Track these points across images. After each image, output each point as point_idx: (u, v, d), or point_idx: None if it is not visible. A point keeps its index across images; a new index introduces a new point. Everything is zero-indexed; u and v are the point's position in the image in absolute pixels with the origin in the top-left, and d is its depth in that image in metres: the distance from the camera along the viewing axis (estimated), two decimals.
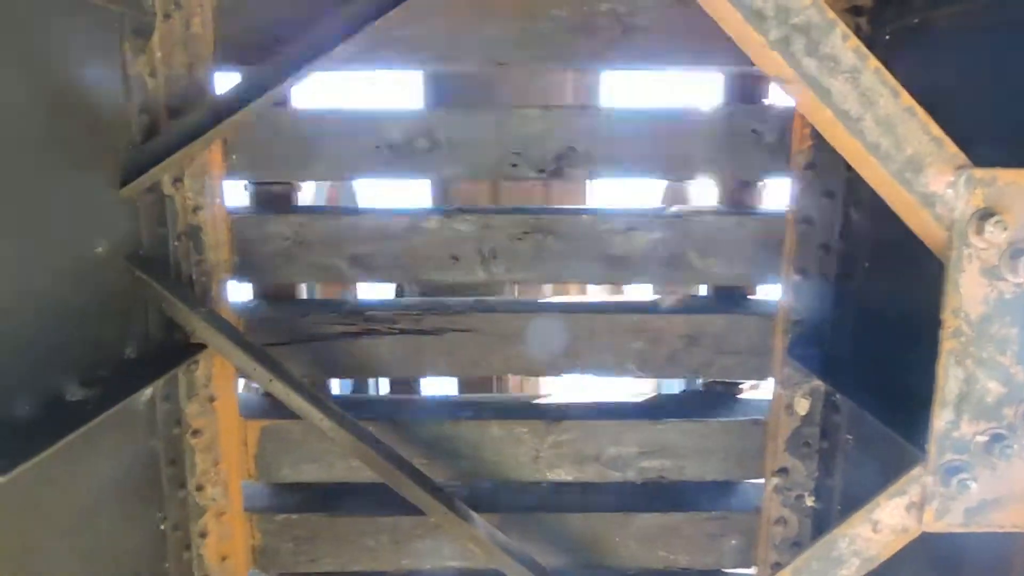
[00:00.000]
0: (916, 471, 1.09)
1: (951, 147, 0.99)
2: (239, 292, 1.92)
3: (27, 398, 1.29)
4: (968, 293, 1.02)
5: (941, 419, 1.06)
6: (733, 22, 0.98)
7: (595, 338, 1.92)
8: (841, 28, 0.95)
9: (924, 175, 0.99)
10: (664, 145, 1.82)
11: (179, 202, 1.75)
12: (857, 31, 1.69)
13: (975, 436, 1.08)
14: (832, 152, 1.74)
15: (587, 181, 1.85)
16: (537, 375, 1.96)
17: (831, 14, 0.95)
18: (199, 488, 1.92)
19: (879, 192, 1.05)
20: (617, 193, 2.54)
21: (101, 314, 1.54)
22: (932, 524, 1.11)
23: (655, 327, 1.92)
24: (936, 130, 0.98)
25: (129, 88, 1.61)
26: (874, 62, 0.97)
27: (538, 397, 2.25)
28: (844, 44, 0.96)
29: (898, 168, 0.99)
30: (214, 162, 1.75)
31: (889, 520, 1.12)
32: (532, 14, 1.74)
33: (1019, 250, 1.00)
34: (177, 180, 1.74)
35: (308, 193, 2.46)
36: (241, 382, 2.01)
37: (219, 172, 1.76)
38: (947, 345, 1.04)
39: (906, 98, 0.98)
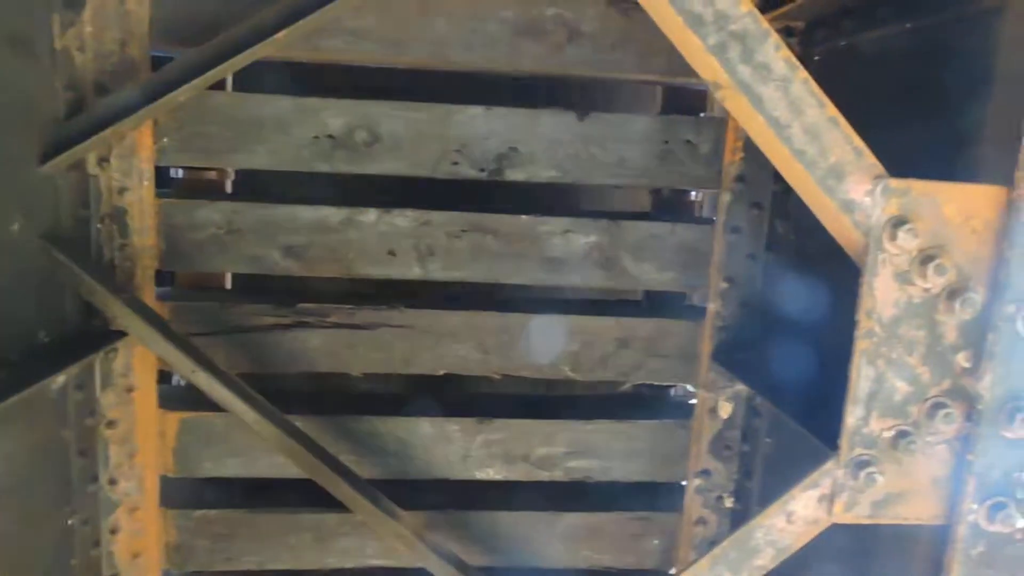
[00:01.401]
0: (828, 465, 1.15)
1: (870, 157, 1.05)
2: (164, 279, 1.86)
3: None
4: (881, 296, 1.09)
5: (852, 415, 1.12)
6: (673, 26, 1.02)
7: (530, 338, 1.94)
8: (774, 38, 1.00)
9: (845, 183, 1.05)
10: (603, 150, 1.85)
11: (104, 183, 1.68)
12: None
13: (883, 432, 1.14)
14: (761, 165, 1.84)
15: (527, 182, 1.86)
16: (470, 373, 1.95)
17: (765, 24, 1.00)
18: (112, 482, 1.83)
19: (804, 198, 1.11)
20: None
21: (13, 295, 1.47)
22: (841, 516, 1.16)
23: (590, 328, 1.95)
24: (857, 140, 1.04)
25: (56, 62, 1.54)
26: (803, 73, 1.02)
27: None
28: (776, 53, 1.01)
29: (822, 175, 1.04)
30: (144, 144, 1.69)
31: (802, 511, 1.17)
32: (481, 14, 1.76)
33: (928, 257, 1.07)
34: (103, 160, 1.67)
35: None
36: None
37: (149, 154, 1.70)
38: (861, 345, 1.10)
39: (831, 109, 1.03)
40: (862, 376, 1.10)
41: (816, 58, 1.75)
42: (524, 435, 1.98)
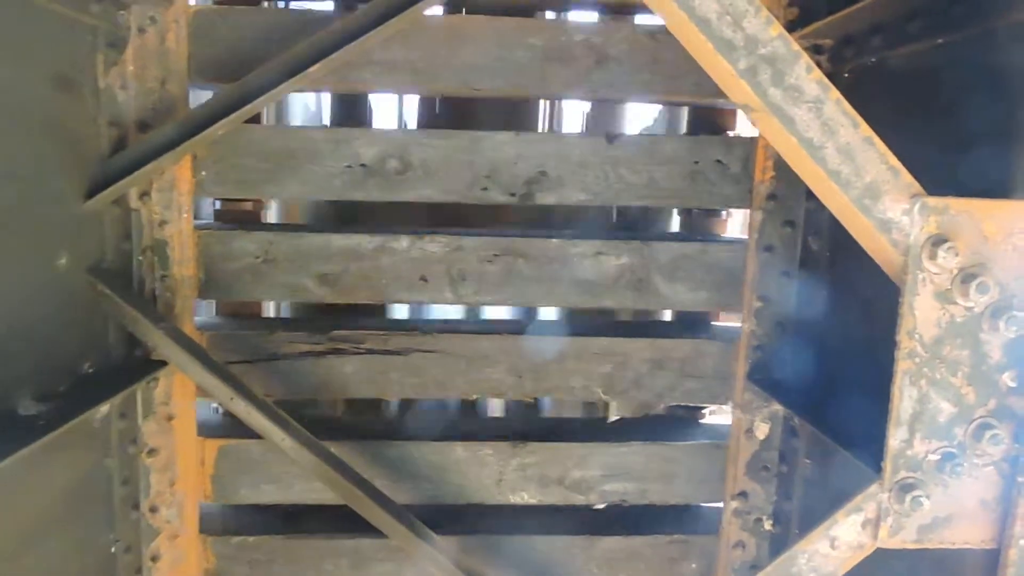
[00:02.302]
0: (872, 488, 1.12)
1: (907, 176, 1.04)
2: (204, 309, 1.90)
3: None
4: (922, 316, 1.07)
5: (896, 438, 1.10)
6: (704, 51, 1.02)
7: (563, 361, 1.94)
8: (805, 60, 1.00)
9: (881, 202, 1.04)
10: (633, 172, 1.86)
11: (145, 216, 1.73)
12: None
13: (927, 454, 1.12)
14: (793, 183, 1.83)
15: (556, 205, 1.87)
16: (503, 397, 1.95)
17: (796, 46, 1.00)
18: (153, 509, 1.86)
19: (839, 218, 1.10)
20: None
21: (60, 328, 1.51)
22: (887, 541, 1.14)
23: (622, 350, 1.94)
24: (893, 159, 1.04)
25: (99, 101, 1.60)
26: (836, 93, 1.02)
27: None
28: (808, 75, 1.01)
29: (857, 194, 1.03)
30: (183, 177, 1.74)
31: (846, 536, 1.15)
32: (508, 42, 1.78)
33: (969, 275, 1.05)
34: (144, 194, 1.72)
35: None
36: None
37: (187, 187, 1.75)
38: (902, 366, 1.08)
39: (865, 128, 1.03)
40: (905, 397, 1.08)
41: (846, 75, 1.75)
42: (558, 458, 1.97)
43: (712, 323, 2.13)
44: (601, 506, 2.00)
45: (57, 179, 1.50)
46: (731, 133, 2.00)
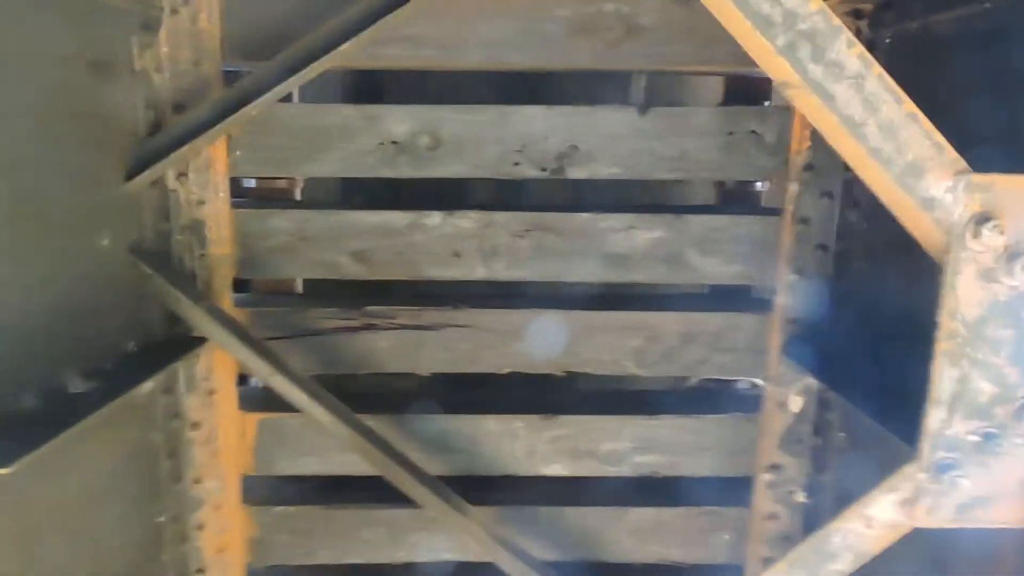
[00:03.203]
0: (909, 468, 1.12)
1: (951, 153, 1.01)
2: (241, 286, 1.93)
3: (29, 390, 1.30)
4: (964, 296, 1.05)
5: (934, 418, 1.09)
6: (741, 28, 1.00)
7: (593, 335, 1.94)
8: (846, 35, 0.98)
9: (924, 180, 1.01)
10: (665, 144, 1.84)
11: (183, 196, 1.76)
12: (858, 34, 1.72)
13: (967, 435, 1.10)
14: (830, 154, 1.78)
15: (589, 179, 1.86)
16: (535, 371, 1.97)
17: (837, 21, 0.97)
18: (197, 480, 1.92)
19: (880, 196, 1.08)
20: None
21: (104, 307, 1.55)
22: (924, 520, 1.14)
23: (652, 324, 1.94)
24: (937, 136, 1.01)
25: (135, 83, 1.62)
26: (878, 69, 0.99)
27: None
28: (849, 51, 0.98)
29: (899, 172, 1.01)
30: (218, 157, 1.75)
31: (882, 516, 1.15)
32: (536, 14, 1.75)
33: (1015, 254, 1.03)
34: (181, 175, 1.75)
35: None
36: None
37: (223, 167, 1.76)
38: (943, 346, 1.07)
39: (908, 104, 1.00)
40: (945, 378, 1.07)
41: (887, 41, 1.69)
42: (590, 431, 1.99)
43: (746, 296, 2.11)
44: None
45: (97, 162, 1.53)
46: (766, 103, 1.96)
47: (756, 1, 0.96)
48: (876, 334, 1.71)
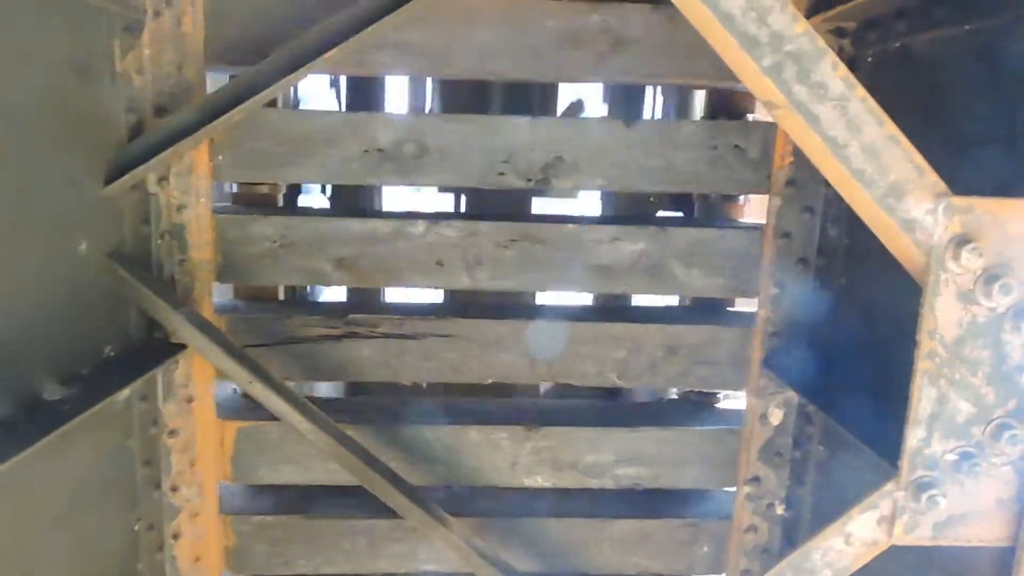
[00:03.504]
0: (888, 486, 1.13)
1: (932, 175, 1.03)
2: (222, 292, 1.91)
3: (4, 397, 1.27)
4: (944, 316, 1.06)
5: (914, 437, 1.10)
6: (727, 47, 1.01)
7: (578, 346, 1.94)
8: (831, 57, 0.99)
9: (905, 201, 1.03)
10: (649, 157, 1.84)
11: (164, 201, 1.74)
12: (840, 52, 1.74)
13: (945, 454, 1.12)
14: (812, 169, 1.80)
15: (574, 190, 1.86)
16: (517, 382, 1.96)
17: (822, 43, 0.98)
18: (174, 489, 1.90)
19: (862, 216, 1.09)
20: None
21: (82, 312, 1.52)
22: (902, 537, 1.15)
23: (636, 335, 1.95)
24: (918, 158, 1.02)
25: (117, 86, 1.59)
26: (861, 91, 1.00)
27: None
28: (834, 72, 0.99)
29: (881, 194, 1.02)
30: (200, 162, 1.74)
31: (861, 533, 1.15)
32: (524, 25, 1.76)
33: (993, 276, 1.04)
34: (162, 179, 1.73)
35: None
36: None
37: (205, 172, 1.75)
38: (922, 365, 1.08)
39: (890, 126, 1.01)
40: (924, 397, 1.08)
41: (869, 59, 1.71)
42: (572, 442, 1.99)
43: (727, 309, 2.12)
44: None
45: (76, 165, 1.50)
46: (750, 117, 1.98)
47: (743, 22, 0.97)
48: (857, 348, 1.72)
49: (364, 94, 2.12)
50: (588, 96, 2.50)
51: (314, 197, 2.61)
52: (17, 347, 1.31)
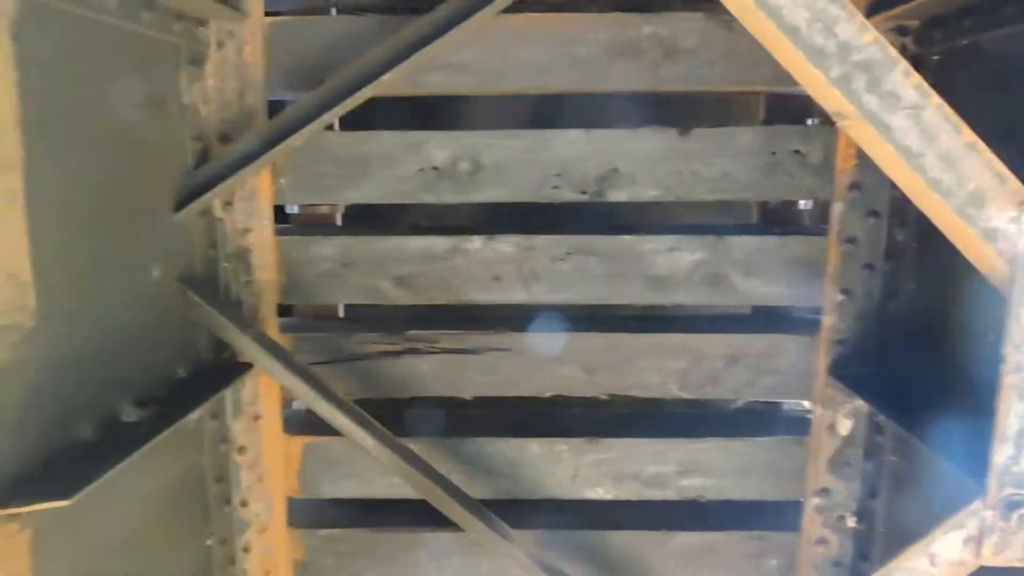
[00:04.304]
0: (975, 505, 1.09)
1: (1014, 182, 0.99)
2: (286, 312, 1.95)
3: (86, 421, 1.32)
4: None
5: (1001, 454, 1.06)
6: (792, 58, 0.99)
7: (637, 358, 1.92)
8: (903, 65, 0.96)
9: (986, 210, 0.99)
10: (707, 165, 1.82)
11: (229, 225, 1.79)
12: (903, 51, 1.69)
13: None
14: (878, 172, 1.75)
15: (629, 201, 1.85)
16: (576, 394, 1.96)
17: (893, 52, 0.95)
18: (244, 504, 1.95)
19: (939, 226, 1.05)
20: None
21: (156, 336, 1.58)
22: (991, 558, 1.10)
23: (696, 346, 1.92)
24: (999, 166, 0.98)
25: (184, 116, 1.65)
26: (936, 99, 0.97)
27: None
28: (906, 81, 0.96)
29: (960, 203, 0.99)
30: (263, 186, 1.78)
31: (946, 554, 1.11)
32: (575, 39, 1.76)
33: None
34: (228, 204, 1.78)
35: None
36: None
37: (268, 195, 1.79)
38: (1008, 380, 1.03)
39: (968, 134, 0.98)
40: (1012, 413, 1.03)
41: (935, 58, 1.66)
42: (634, 454, 1.97)
43: (791, 317, 2.07)
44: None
45: (148, 193, 1.56)
46: (809, 121, 1.93)
47: (809, 33, 0.94)
48: (929, 356, 1.67)
49: (418, 114, 2.15)
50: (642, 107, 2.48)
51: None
52: (98, 373, 1.36)
